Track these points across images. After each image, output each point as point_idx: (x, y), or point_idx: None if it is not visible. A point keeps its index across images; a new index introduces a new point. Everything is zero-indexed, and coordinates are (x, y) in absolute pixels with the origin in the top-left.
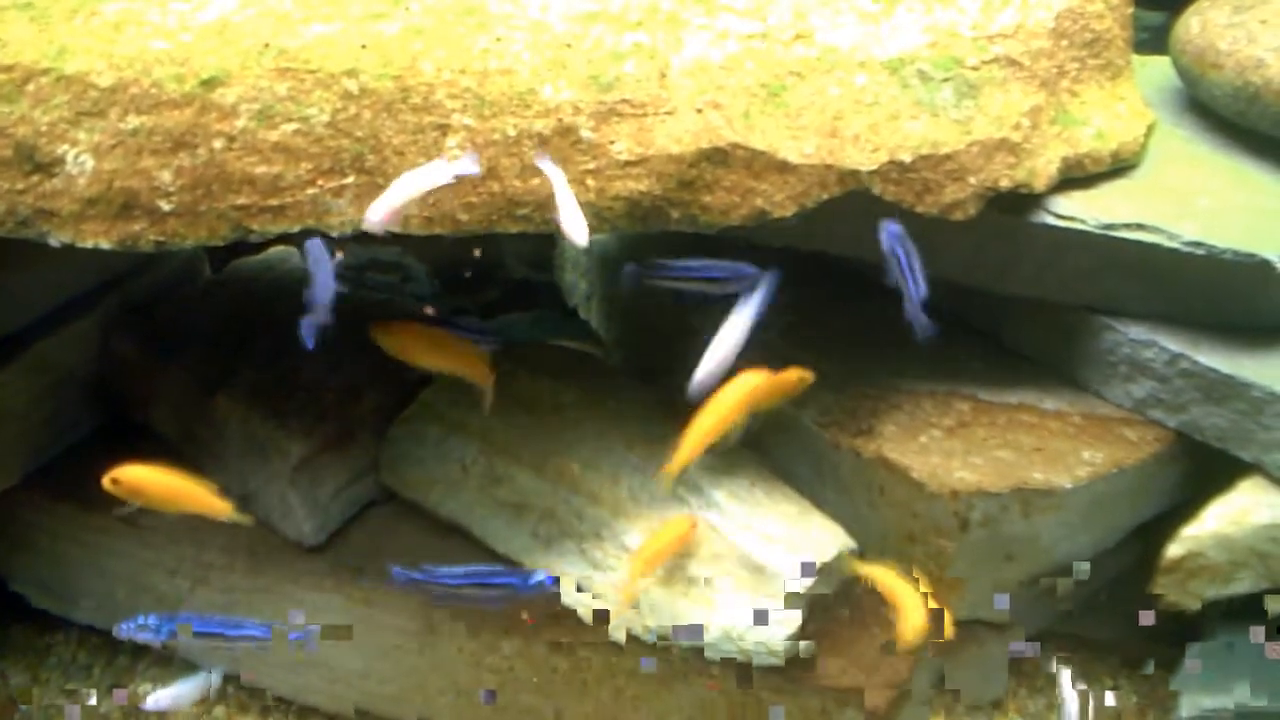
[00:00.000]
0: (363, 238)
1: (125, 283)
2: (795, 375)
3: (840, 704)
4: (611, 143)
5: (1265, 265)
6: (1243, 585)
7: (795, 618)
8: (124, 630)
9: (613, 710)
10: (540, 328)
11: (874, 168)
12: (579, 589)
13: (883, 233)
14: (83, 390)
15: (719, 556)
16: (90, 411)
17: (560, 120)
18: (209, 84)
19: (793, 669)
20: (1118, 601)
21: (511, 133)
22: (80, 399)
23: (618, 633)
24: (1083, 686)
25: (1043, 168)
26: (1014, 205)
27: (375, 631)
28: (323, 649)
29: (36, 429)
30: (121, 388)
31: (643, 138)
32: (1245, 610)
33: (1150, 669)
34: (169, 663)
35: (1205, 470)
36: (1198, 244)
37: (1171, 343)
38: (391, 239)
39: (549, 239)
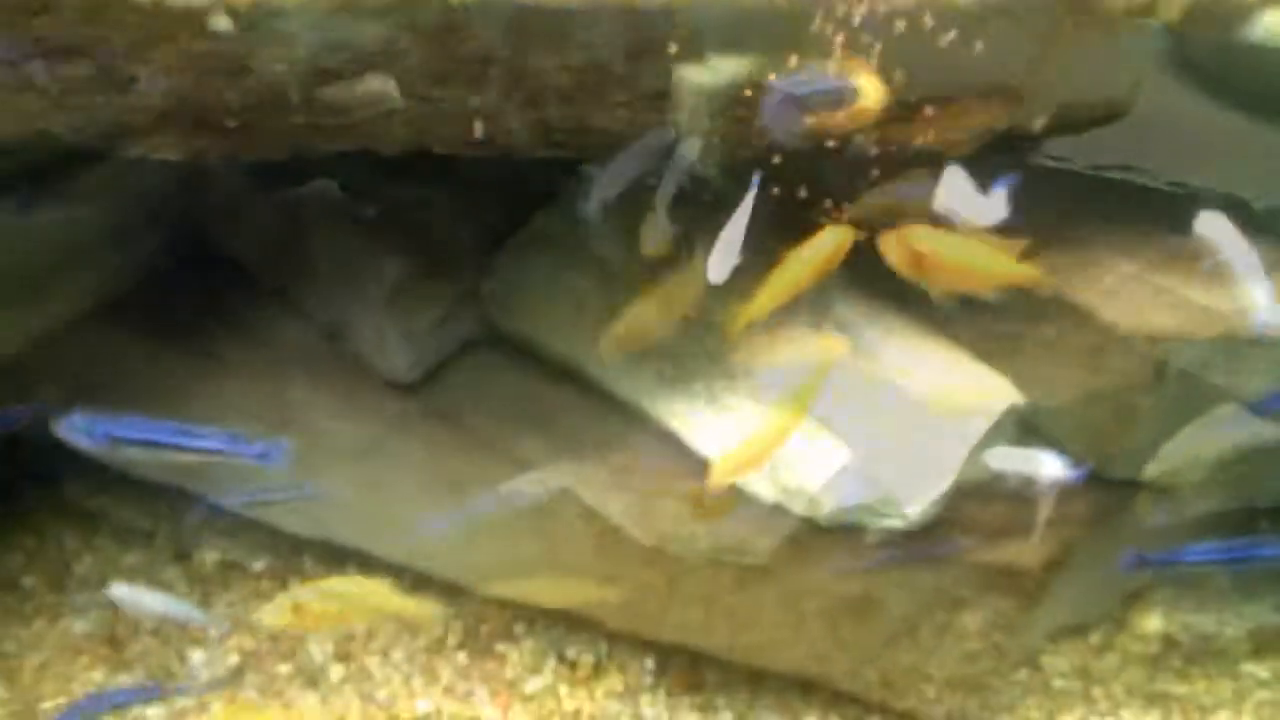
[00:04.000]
0: None
1: None
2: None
3: (982, 583)
4: None
5: None
6: None
7: (949, 477)
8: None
9: (738, 581)
10: None
11: None
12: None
13: None
14: (161, 213)
15: (867, 402)
16: (174, 235)
17: None
18: None
19: (934, 539)
20: None
21: None
22: (163, 219)
23: (754, 485)
24: None
25: None
26: None
27: (472, 486)
28: (406, 505)
29: (109, 255)
30: (211, 214)
31: None
32: None
33: None
34: (243, 529)
35: None
36: None
37: None
38: None
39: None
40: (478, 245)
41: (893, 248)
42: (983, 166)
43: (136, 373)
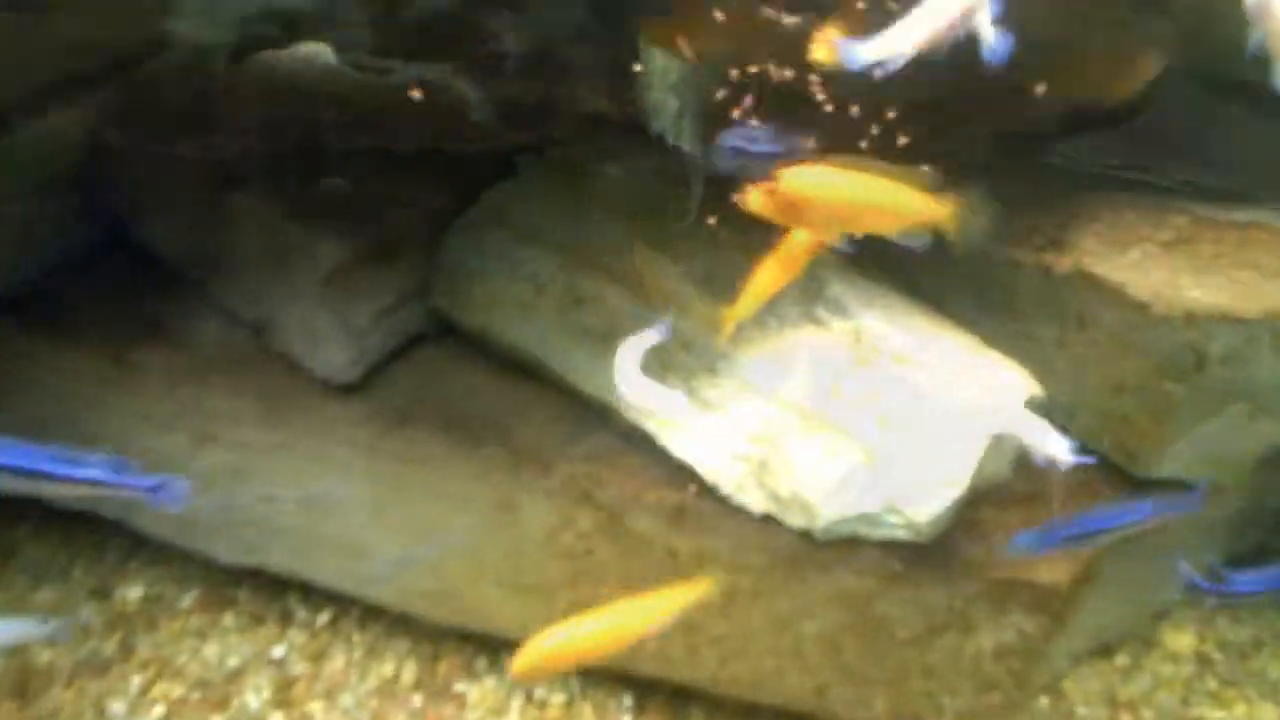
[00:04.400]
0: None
1: (127, 67)
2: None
3: (1002, 601)
4: None
5: None
6: None
7: (963, 480)
8: None
9: (724, 604)
10: None
11: None
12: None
13: None
14: (70, 196)
15: (869, 397)
16: (79, 224)
17: None
18: None
19: (945, 552)
20: None
21: None
22: (67, 207)
23: (742, 495)
24: None
25: None
26: None
27: (425, 502)
28: (351, 525)
29: (11, 242)
30: (117, 191)
31: None
32: None
33: None
34: (170, 560)
35: None
36: None
37: None
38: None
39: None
40: (425, 226)
41: (761, 198)
42: None
43: (37, 379)
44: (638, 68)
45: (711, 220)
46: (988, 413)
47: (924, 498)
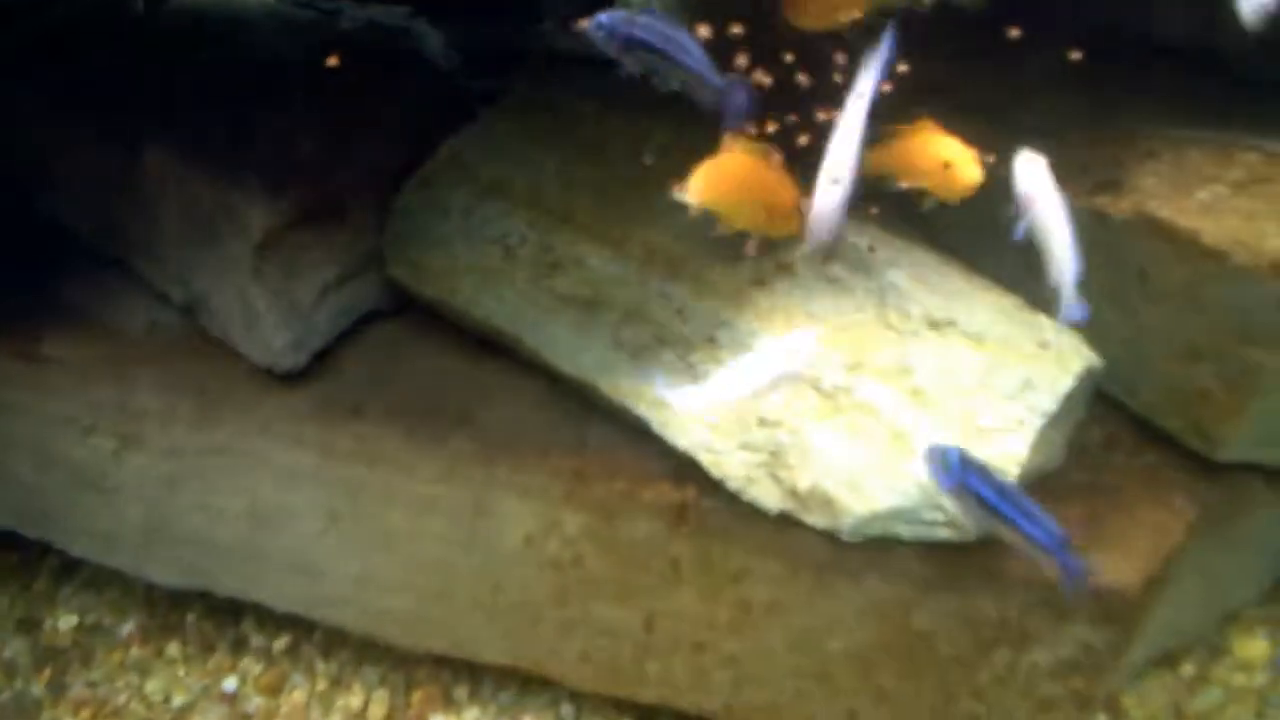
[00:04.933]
0: None
1: (19, 19)
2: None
3: (1061, 610)
4: None
5: None
6: None
7: (1014, 467)
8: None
9: (735, 620)
10: None
11: None
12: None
13: None
14: None
15: (899, 369)
16: None
17: None
18: None
19: (994, 553)
20: None
21: None
22: None
23: (754, 490)
24: None
25: None
26: None
27: (385, 507)
28: (302, 538)
29: None
30: (17, 159)
31: None
32: None
33: None
34: (108, 584)
35: None
36: None
37: None
38: None
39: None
40: (376, 182)
41: None
42: None
43: None
44: None
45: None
46: (1039, 385)
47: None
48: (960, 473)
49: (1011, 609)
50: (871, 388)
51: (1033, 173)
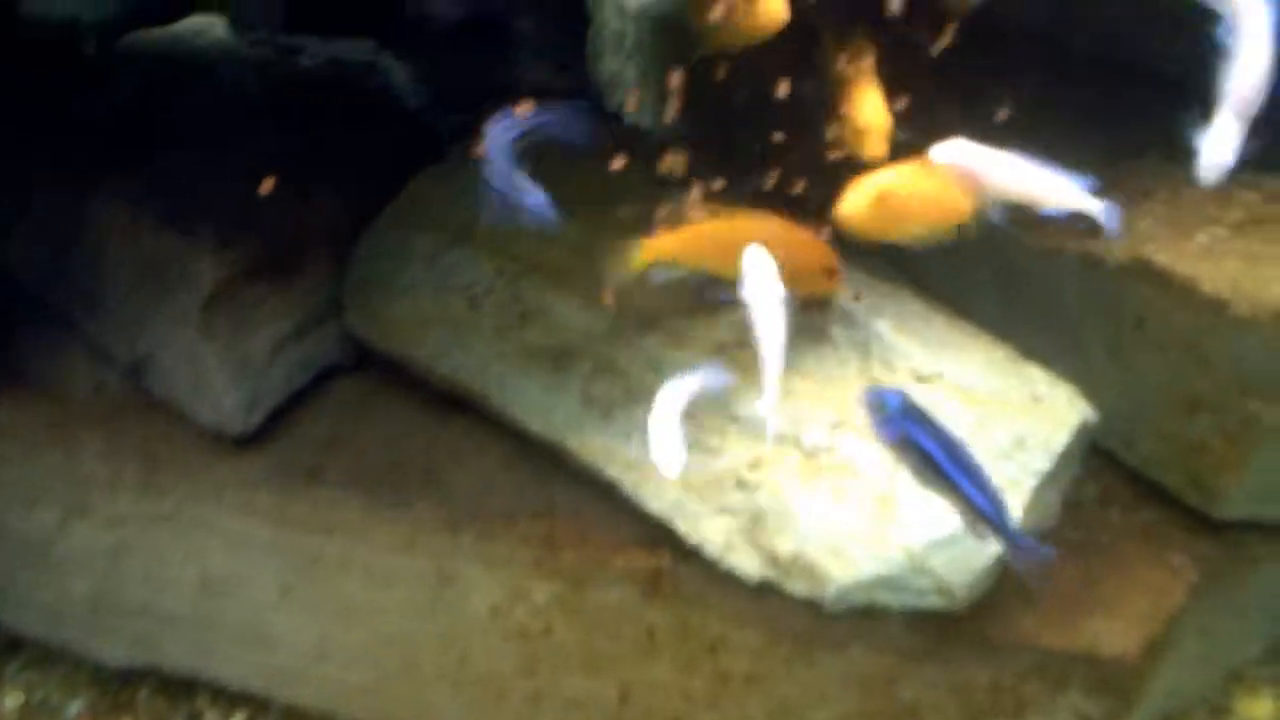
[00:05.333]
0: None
1: None
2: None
3: (1057, 679)
4: None
5: None
6: None
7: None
8: None
9: (713, 691)
10: None
11: None
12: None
13: None
14: None
15: None
16: None
17: None
18: None
19: (985, 619)
20: None
21: None
22: None
23: (733, 557)
24: None
25: None
26: None
27: (344, 578)
28: (257, 610)
29: None
30: None
31: None
32: None
33: None
34: (56, 661)
35: None
36: None
37: None
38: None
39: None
40: (334, 229)
41: None
42: None
43: None
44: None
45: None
46: (1033, 441)
47: (959, 553)
48: (901, 422)
49: (1006, 677)
50: (855, 447)
51: (757, 274)
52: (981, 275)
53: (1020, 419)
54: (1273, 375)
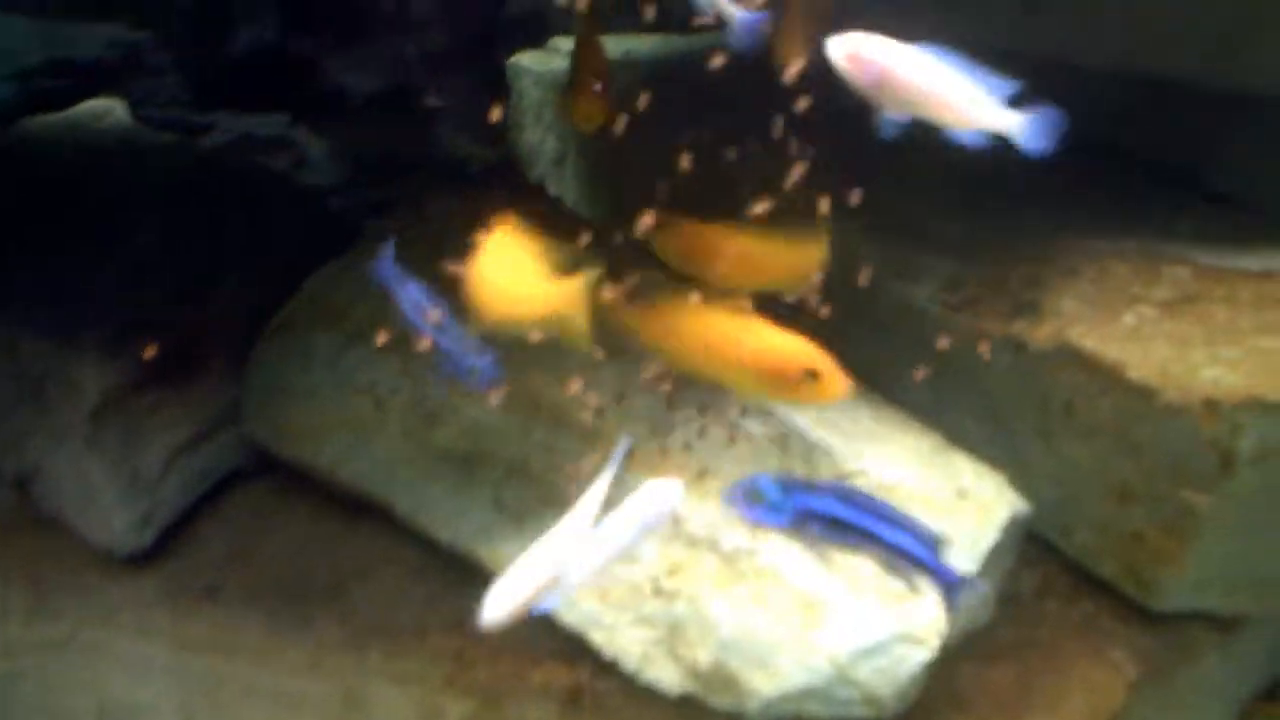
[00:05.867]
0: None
1: None
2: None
3: None
4: None
5: None
6: None
7: (934, 633)
8: None
9: None
10: None
11: None
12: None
13: None
14: None
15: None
16: None
17: None
18: None
19: None
20: None
21: None
22: None
23: (651, 670)
24: None
25: None
26: None
27: (245, 703)
28: None
29: None
30: None
31: None
32: None
33: None
34: None
35: None
36: None
37: None
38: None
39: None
40: (232, 329)
41: None
42: None
43: None
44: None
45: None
46: (957, 544)
47: (887, 662)
48: (787, 500)
49: None
50: (776, 551)
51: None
52: (911, 358)
53: (946, 517)
54: (1206, 464)
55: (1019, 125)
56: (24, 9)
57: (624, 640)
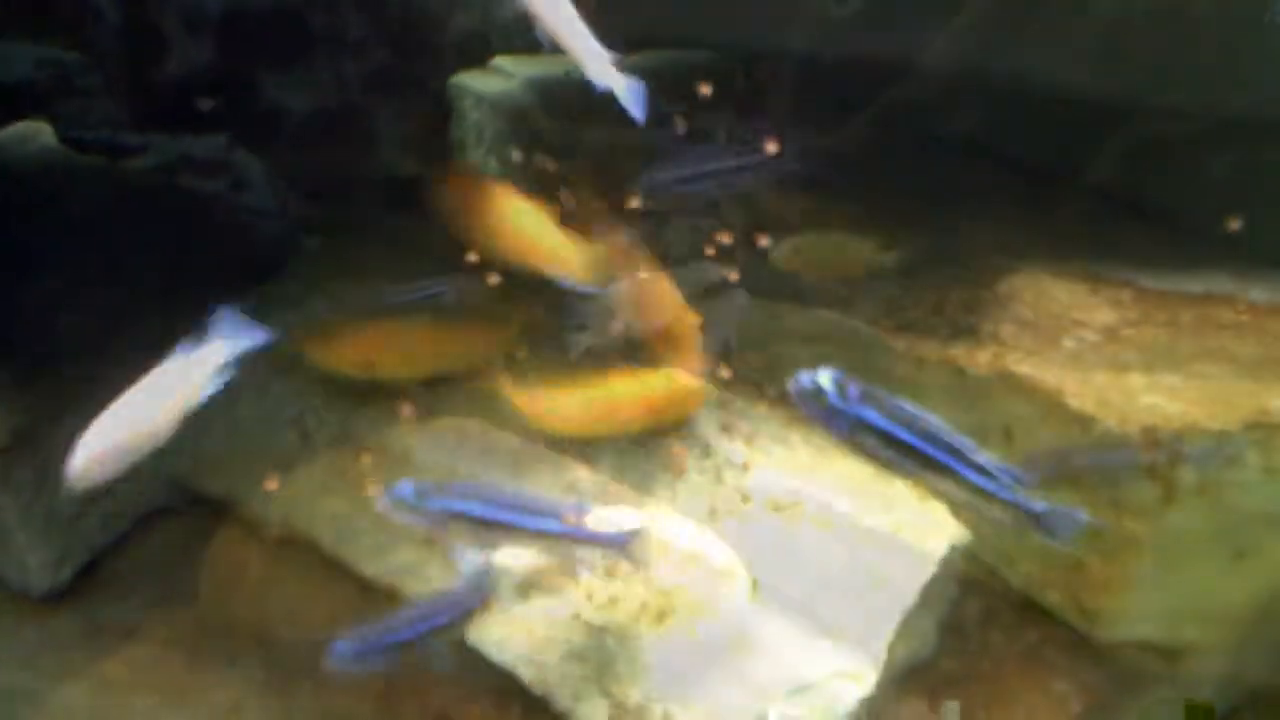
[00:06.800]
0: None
1: None
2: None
3: None
4: None
5: None
6: None
7: (872, 669)
8: None
9: None
10: None
11: None
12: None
13: None
14: None
15: (739, 563)
16: None
17: None
18: None
19: None
20: None
21: None
22: None
23: (582, 707)
24: None
25: None
26: None
27: None
28: None
29: None
30: None
31: None
32: None
33: None
34: None
35: None
36: None
37: None
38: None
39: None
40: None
41: None
42: None
43: None
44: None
45: None
46: (894, 577)
47: (819, 702)
48: (849, 409)
49: None
50: (707, 584)
51: None
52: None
53: (882, 548)
54: (1143, 493)
55: (625, 88)
56: None
57: (554, 677)
